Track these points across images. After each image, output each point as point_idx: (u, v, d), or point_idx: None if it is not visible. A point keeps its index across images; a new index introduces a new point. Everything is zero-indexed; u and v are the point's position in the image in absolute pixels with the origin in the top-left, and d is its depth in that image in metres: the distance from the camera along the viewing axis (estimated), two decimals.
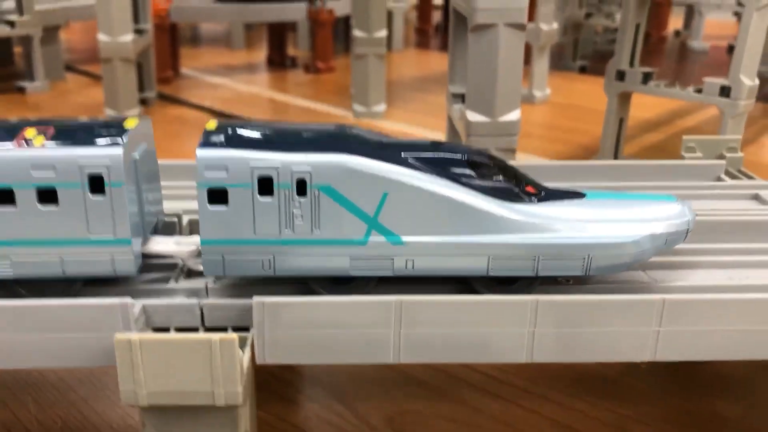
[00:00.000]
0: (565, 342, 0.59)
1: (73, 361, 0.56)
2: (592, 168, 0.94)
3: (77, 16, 2.41)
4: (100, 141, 0.55)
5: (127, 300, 0.55)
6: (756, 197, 0.85)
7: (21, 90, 2.14)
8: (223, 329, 0.58)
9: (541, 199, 0.59)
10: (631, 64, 1.47)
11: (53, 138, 0.55)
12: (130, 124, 0.58)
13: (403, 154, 0.58)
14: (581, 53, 2.71)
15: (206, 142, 0.56)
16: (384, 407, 0.79)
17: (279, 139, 0.56)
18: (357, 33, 1.84)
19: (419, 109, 2.03)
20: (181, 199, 0.73)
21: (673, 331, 0.58)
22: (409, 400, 0.81)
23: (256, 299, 0.55)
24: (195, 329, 0.59)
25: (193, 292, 0.61)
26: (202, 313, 0.59)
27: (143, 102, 1.95)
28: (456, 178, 0.58)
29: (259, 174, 0.55)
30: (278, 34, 2.55)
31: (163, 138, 1.80)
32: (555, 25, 2.13)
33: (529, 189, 0.60)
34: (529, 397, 0.80)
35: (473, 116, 1.13)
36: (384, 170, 0.56)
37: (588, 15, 2.61)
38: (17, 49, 2.51)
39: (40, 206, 0.54)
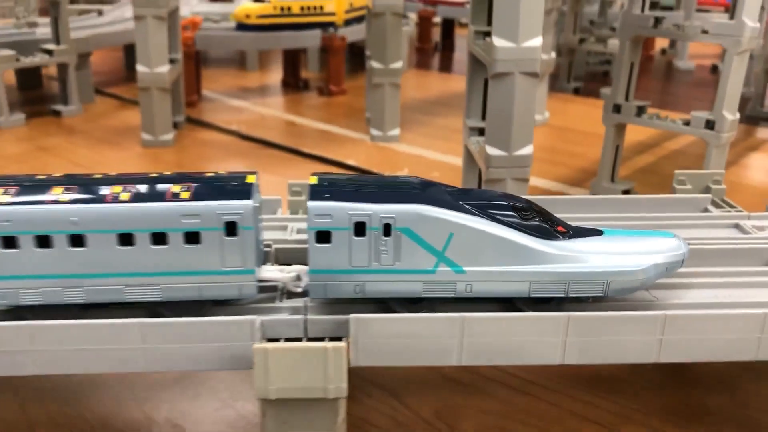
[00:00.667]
0: (587, 348, 0.75)
1: (209, 365, 0.72)
2: (598, 201, 1.11)
3: (107, 43, 2.56)
4: (233, 195, 0.71)
5: (253, 317, 0.71)
6: (737, 226, 1.02)
7: (56, 113, 2.28)
8: (321, 339, 0.74)
9: (569, 237, 0.76)
10: (627, 98, 1.65)
11: (195, 193, 0.71)
12: (251, 179, 0.74)
13: (462, 203, 0.74)
14: (575, 75, 2.90)
15: (314, 196, 0.72)
16: (430, 402, 0.95)
17: (369, 192, 0.73)
18: (374, 64, 2.01)
19: (429, 133, 2.19)
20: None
21: (672, 339, 0.75)
22: (449, 396, 0.97)
23: (353, 316, 0.71)
24: (299, 339, 0.75)
25: (295, 310, 0.77)
26: (305, 326, 0.75)
27: (174, 126, 2.09)
28: (504, 221, 0.74)
29: (355, 220, 0.71)
30: (292, 58, 2.71)
31: (199, 161, 1.96)
32: (553, 54, 2.31)
33: (560, 228, 0.76)
34: (550, 393, 0.97)
35: (492, 150, 1.30)
36: (449, 216, 0.72)
37: (581, 40, 2.80)
38: (44, 71, 2.66)
39: (186, 245, 0.70)
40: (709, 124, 1.54)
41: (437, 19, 3.91)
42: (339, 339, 0.74)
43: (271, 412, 0.71)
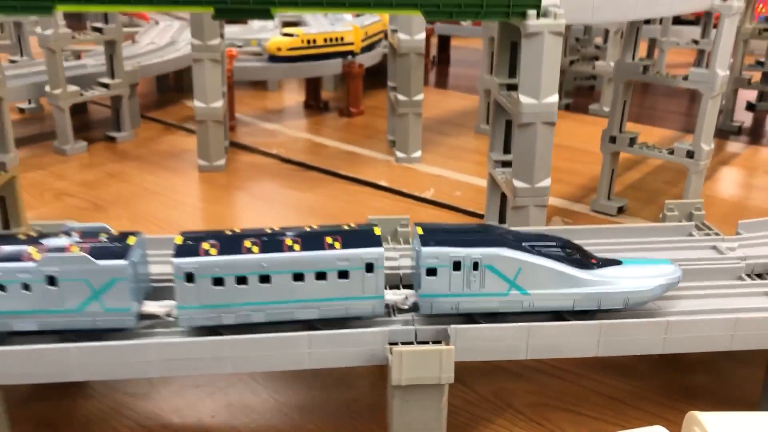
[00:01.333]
0: (612, 344, 1.07)
1: (354, 363, 1.03)
2: (609, 230, 1.43)
3: (152, 73, 2.84)
4: (370, 243, 1.01)
5: (385, 328, 1.02)
6: (714, 248, 1.35)
7: (111, 139, 2.56)
8: (426, 343, 1.05)
9: (599, 266, 1.07)
10: (620, 130, 1.98)
11: (344, 243, 1.01)
12: (377, 231, 1.05)
13: (525, 244, 1.05)
14: (565, 91, 3.22)
15: (424, 243, 1.03)
16: (489, 386, 1.27)
17: (461, 239, 1.03)
18: (400, 97, 2.31)
19: (444, 153, 2.50)
20: None
21: (671, 336, 1.07)
22: (502, 382, 1.28)
23: (452, 327, 1.02)
24: (411, 343, 1.05)
25: (405, 322, 1.08)
26: (415, 334, 1.06)
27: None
28: (554, 256, 1.05)
29: (453, 260, 1.02)
30: (314, 82, 3.00)
31: (249, 182, 2.24)
32: None
33: (593, 261, 1.08)
34: (578, 378, 1.29)
35: (518, 183, 1.61)
36: (518, 255, 1.03)
37: (572, 62, 3.13)
38: None
39: (339, 280, 1.01)
40: (689, 154, 1.87)
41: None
42: (439, 342, 1.05)
43: (399, 394, 1.01)
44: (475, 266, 1.03)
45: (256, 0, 1.41)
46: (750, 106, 3.24)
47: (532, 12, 1.46)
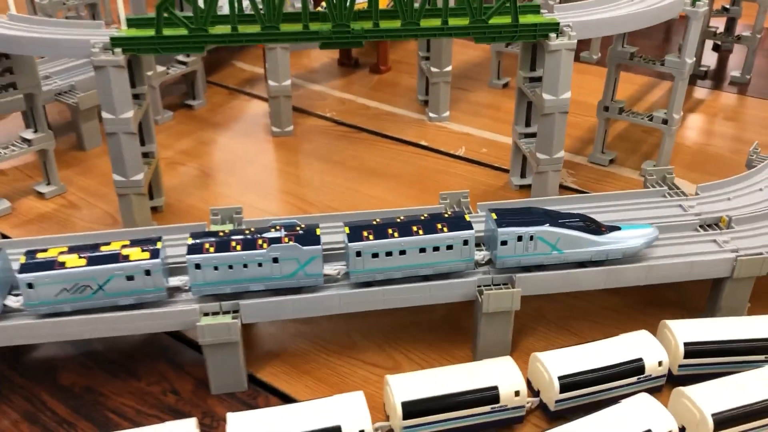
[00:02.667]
0: (616, 279, 1.70)
1: (455, 299, 1.65)
2: (602, 197, 2.02)
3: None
4: (464, 227, 1.61)
5: (474, 278, 1.63)
6: (680, 206, 1.96)
7: (189, 107, 3.07)
8: (499, 286, 1.67)
9: (606, 232, 1.68)
10: (612, 99, 2.55)
11: (449, 227, 1.60)
12: (467, 217, 1.63)
13: (559, 221, 1.65)
14: None
15: (499, 224, 1.62)
16: (531, 305, 1.89)
17: (521, 220, 1.63)
18: (433, 69, 2.84)
19: (467, 110, 3.04)
20: None
21: (652, 274, 1.70)
22: (540, 302, 1.91)
23: (517, 275, 1.64)
24: (490, 287, 1.67)
25: (485, 272, 1.68)
26: (492, 281, 1.67)
27: None
28: (578, 227, 1.66)
29: (517, 235, 1.62)
30: None
31: (315, 146, 2.79)
32: None
33: (602, 228, 1.69)
34: (592, 299, 1.90)
35: (540, 155, 2.20)
36: (556, 230, 1.63)
37: None
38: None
39: (446, 251, 1.60)
40: (664, 121, 2.46)
41: None
42: (506, 285, 1.67)
43: (485, 318, 1.64)
44: (531, 238, 1.63)
45: (353, 35, 1.94)
46: (716, 47, 3.78)
47: (552, 34, 2.01)
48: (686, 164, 2.61)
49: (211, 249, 1.53)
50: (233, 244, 1.55)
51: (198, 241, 1.55)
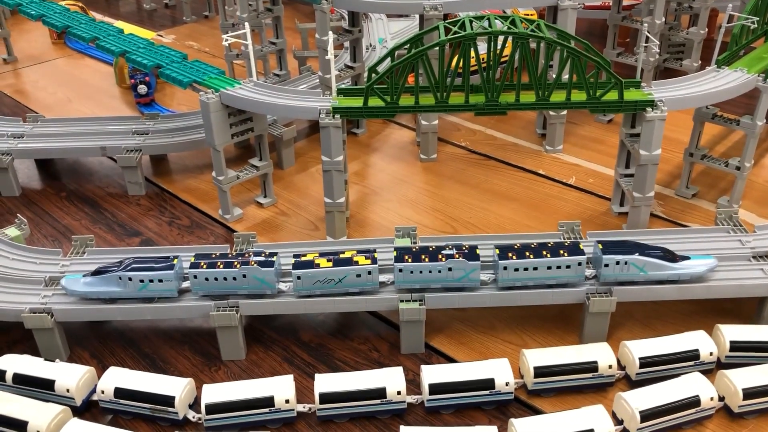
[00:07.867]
0: (683, 294, 2.41)
1: (570, 301, 2.40)
2: (675, 231, 2.71)
3: None
4: (579, 253, 2.35)
5: (583, 288, 2.38)
6: (739, 241, 2.63)
7: (354, 134, 3.91)
8: (601, 294, 2.41)
9: (680, 260, 2.39)
10: (696, 147, 3.21)
11: (568, 252, 2.35)
12: (581, 246, 2.38)
13: (646, 251, 2.37)
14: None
15: (604, 252, 2.35)
16: (620, 306, 2.63)
17: (616, 249, 2.36)
18: (551, 112, 3.57)
19: (576, 143, 3.68)
20: None
21: (711, 290, 2.40)
22: (627, 306, 2.63)
23: (614, 288, 2.38)
24: (594, 294, 2.41)
25: (592, 284, 2.43)
26: (596, 290, 2.41)
27: None
28: (660, 256, 2.37)
29: (616, 261, 2.35)
30: None
31: (456, 172, 3.56)
32: None
33: (677, 258, 2.39)
34: (666, 305, 2.62)
35: (636, 194, 2.91)
36: (644, 258, 2.34)
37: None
38: None
39: (566, 269, 2.36)
40: (737, 167, 3.11)
41: None
42: (606, 294, 2.41)
43: (590, 316, 2.39)
44: (625, 263, 2.37)
45: (500, 107, 2.71)
46: None
47: (648, 108, 2.72)
48: (756, 199, 3.24)
49: (409, 259, 2.35)
50: (423, 256, 2.36)
51: (399, 253, 2.37)
